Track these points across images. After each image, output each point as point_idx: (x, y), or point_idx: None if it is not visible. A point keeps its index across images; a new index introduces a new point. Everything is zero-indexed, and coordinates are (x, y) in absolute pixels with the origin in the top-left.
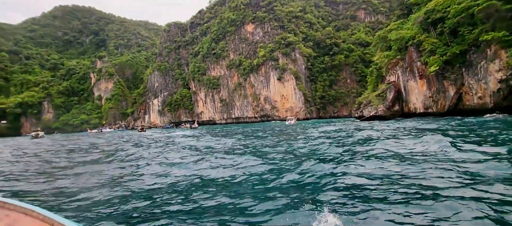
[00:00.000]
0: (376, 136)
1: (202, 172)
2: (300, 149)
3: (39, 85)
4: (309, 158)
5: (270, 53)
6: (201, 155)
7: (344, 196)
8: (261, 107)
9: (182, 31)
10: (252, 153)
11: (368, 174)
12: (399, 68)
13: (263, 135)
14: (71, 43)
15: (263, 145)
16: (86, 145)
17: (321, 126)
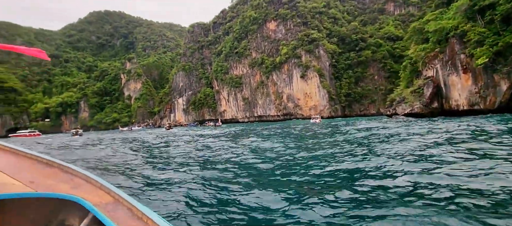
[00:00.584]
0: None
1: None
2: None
3: (77, 86)
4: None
5: (292, 50)
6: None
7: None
8: (283, 105)
9: (205, 31)
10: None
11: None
12: (438, 61)
13: (299, 136)
14: (104, 46)
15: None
16: (147, 140)
17: (353, 124)
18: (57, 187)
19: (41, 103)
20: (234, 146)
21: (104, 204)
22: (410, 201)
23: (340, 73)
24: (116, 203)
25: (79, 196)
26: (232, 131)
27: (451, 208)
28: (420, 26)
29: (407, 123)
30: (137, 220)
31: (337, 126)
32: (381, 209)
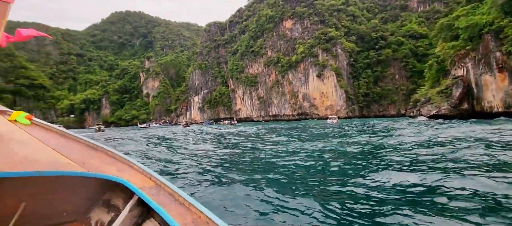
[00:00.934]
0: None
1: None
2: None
3: (99, 84)
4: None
5: (309, 49)
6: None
7: None
8: (299, 105)
9: (222, 30)
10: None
11: None
12: (470, 60)
13: (323, 137)
14: (124, 45)
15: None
16: (176, 138)
17: (380, 127)
18: (104, 169)
19: (66, 99)
20: (272, 148)
21: (147, 188)
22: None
23: (358, 73)
24: (158, 188)
25: (124, 179)
26: (253, 130)
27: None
28: (449, 22)
29: (443, 126)
30: (179, 205)
31: (363, 126)
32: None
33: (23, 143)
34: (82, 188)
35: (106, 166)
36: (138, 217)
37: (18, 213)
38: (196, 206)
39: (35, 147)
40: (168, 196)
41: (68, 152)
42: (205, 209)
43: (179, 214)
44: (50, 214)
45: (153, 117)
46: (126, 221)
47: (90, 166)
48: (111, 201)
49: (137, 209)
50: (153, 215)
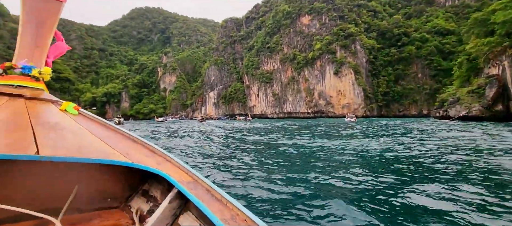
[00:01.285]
0: None
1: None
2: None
3: (119, 78)
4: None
5: (326, 45)
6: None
7: None
8: (314, 102)
9: (238, 26)
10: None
11: None
12: (506, 57)
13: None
14: (143, 41)
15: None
16: (206, 131)
17: (406, 127)
18: (145, 161)
19: (89, 92)
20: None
21: (185, 182)
22: None
23: (378, 70)
24: (195, 183)
25: (164, 172)
26: (270, 127)
27: None
28: (483, 17)
29: (488, 129)
30: (217, 201)
31: (385, 126)
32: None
33: (73, 131)
34: (124, 177)
35: (146, 158)
36: (177, 209)
37: (72, 195)
38: (234, 204)
39: (84, 136)
40: (205, 192)
41: (112, 143)
42: (243, 207)
43: (218, 210)
44: (96, 198)
45: (170, 111)
46: (166, 212)
47: (132, 157)
48: (150, 192)
49: (176, 201)
50: (190, 208)
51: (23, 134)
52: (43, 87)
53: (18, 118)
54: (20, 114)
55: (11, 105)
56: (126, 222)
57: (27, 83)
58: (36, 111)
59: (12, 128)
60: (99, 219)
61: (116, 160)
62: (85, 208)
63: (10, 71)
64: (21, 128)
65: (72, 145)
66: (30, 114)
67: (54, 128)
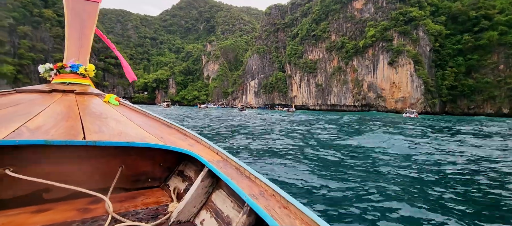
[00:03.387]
0: None
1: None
2: None
3: (167, 65)
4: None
5: (381, 32)
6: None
7: None
8: (363, 95)
9: (282, 13)
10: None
11: None
12: None
13: None
14: (190, 30)
15: None
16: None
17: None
18: (178, 143)
19: (142, 78)
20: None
21: (215, 161)
22: None
23: (444, 60)
24: (224, 162)
25: (195, 152)
26: (318, 120)
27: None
28: None
29: None
30: (246, 178)
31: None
32: None
33: (115, 119)
34: (162, 159)
35: (180, 141)
36: (209, 187)
37: (117, 175)
38: (261, 179)
39: (125, 123)
40: (234, 170)
41: (149, 128)
42: (270, 183)
43: (247, 186)
44: (139, 179)
45: (212, 99)
46: (199, 190)
47: (167, 140)
48: (185, 172)
49: (208, 179)
50: (221, 186)
51: (73, 124)
52: (89, 82)
53: (69, 110)
54: (71, 107)
55: (64, 100)
56: (166, 200)
57: (76, 80)
58: (84, 104)
59: (65, 119)
60: (142, 197)
61: (152, 143)
62: (129, 187)
63: (62, 70)
64: (72, 119)
65: (114, 131)
66: (79, 107)
67: (99, 117)
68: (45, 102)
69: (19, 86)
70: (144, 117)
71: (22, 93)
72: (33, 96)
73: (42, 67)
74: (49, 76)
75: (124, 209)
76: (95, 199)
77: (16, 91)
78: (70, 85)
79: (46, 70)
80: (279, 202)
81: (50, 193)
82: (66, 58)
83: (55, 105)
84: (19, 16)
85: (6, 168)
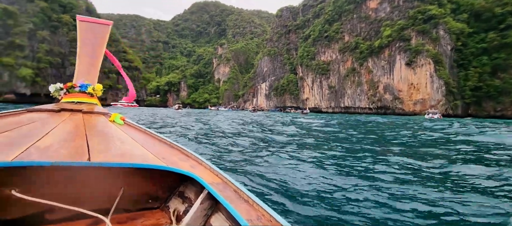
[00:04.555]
0: None
1: None
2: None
3: (179, 68)
4: None
5: (398, 32)
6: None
7: None
8: (378, 97)
9: (294, 14)
10: None
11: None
12: None
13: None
14: (201, 34)
15: None
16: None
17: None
18: (179, 164)
19: (154, 81)
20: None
21: (215, 184)
22: None
23: (467, 60)
24: (224, 185)
25: (196, 174)
26: (352, 125)
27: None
28: None
29: None
30: (244, 202)
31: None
32: None
33: (120, 140)
34: (163, 180)
35: (181, 162)
36: (208, 210)
37: (119, 196)
38: (260, 204)
39: (129, 143)
40: (233, 193)
41: (152, 148)
42: (268, 208)
43: (245, 210)
44: (140, 200)
45: (223, 101)
46: (198, 212)
47: (168, 161)
48: (185, 193)
49: (207, 202)
50: (220, 209)
51: (79, 144)
52: (96, 101)
53: (76, 130)
54: (78, 126)
55: (72, 119)
56: (165, 222)
57: (84, 99)
58: (90, 123)
59: (71, 139)
60: (142, 219)
61: (154, 164)
62: (130, 208)
63: (71, 89)
64: (78, 138)
65: (118, 152)
66: (86, 126)
67: (104, 137)
68: (54, 121)
69: (37, 88)
70: (147, 137)
71: (33, 112)
72: (43, 115)
73: (53, 86)
74: (58, 95)
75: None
76: (96, 220)
77: (27, 110)
78: (78, 104)
79: (56, 90)
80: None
81: (53, 214)
82: (76, 77)
83: (63, 124)
84: (38, 21)
85: (13, 188)
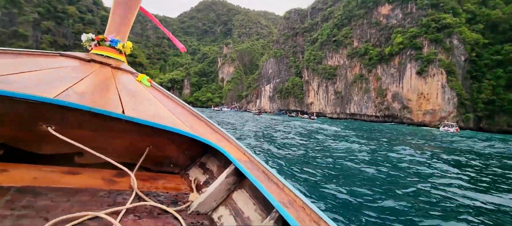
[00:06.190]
0: None
1: None
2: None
3: (183, 66)
4: None
5: (410, 39)
6: None
7: None
8: (386, 105)
9: (302, 17)
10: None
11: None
12: None
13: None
14: (207, 32)
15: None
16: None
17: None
18: (206, 135)
19: (158, 78)
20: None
21: (243, 161)
22: None
23: (481, 72)
24: (252, 163)
25: (224, 148)
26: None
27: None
28: None
29: None
30: (273, 184)
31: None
32: None
33: (148, 99)
34: (186, 147)
35: (207, 134)
36: (232, 185)
37: (144, 155)
38: (290, 188)
39: (157, 106)
40: (261, 173)
41: (179, 115)
42: (300, 193)
43: (275, 192)
44: (162, 162)
45: (226, 101)
46: (222, 185)
47: (195, 130)
48: (207, 165)
49: (232, 177)
50: (244, 186)
51: (113, 96)
52: (124, 59)
53: (107, 83)
54: (109, 80)
55: (101, 71)
56: (185, 188)
57: (113, 54)
58: (120, 79)
59: (104, 90)
60: (163, 181)
61: (182, 130)
62: (152, 168)
63: (102, 42)
64: (110, 91)
65: (148, 111)
66: (116, 81)
67: (134, 95)
68: (85, 70)
69: None
70: (174, 103)
71: (64, 57)
72: (74, 62)
73: (85, 35)
74: (89, 46)
75: (146, 189)
76: (121, 173)
77: (60, 54)
78: (107, 58)
79: (87, 40)
80: (309, 215)
81: (82, 158)
82: (107, 31)
83: (94, 75)
84: (43, 11)
85: (49, 125)
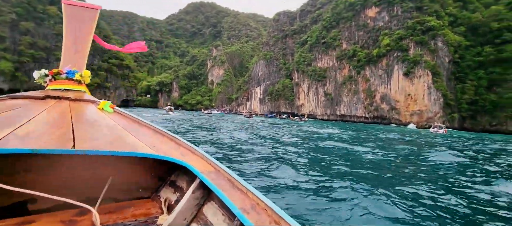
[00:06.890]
0: None
1: None
2: None
3: (172, 69)
4: None
5: (397, 41)
6: None
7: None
8: (375, 106)
9: (291, 19)
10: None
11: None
12: None
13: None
14: (196, 34)
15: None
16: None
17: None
18: (170, 153)
19: (145, 81)
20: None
21: (207, 172)
22: None
23: (464, 73)
24: (217, 173)
25: (188, 162)
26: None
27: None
28: None
29: None
30: (238, 190)
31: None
32: None
33: (108, 127)
34: (153, 169)
35: (172, 151)
36: (200, 199)
37: (107, 185)
38: (254, 192)
39: (117, 131)
40: (226, 181)
41: (142, 137)
42: (263, 196)
43: (239, 199)
44: (129, 189)
45: (216, 104)
46: (190, 201)
47: (159, 150)
48: (177, 182)
49: (199, 191)
50: (213, 198)
51: (64, 131)
52: (84, 89)
53: (62, 118)
54: (64, 114)
55: (58, 107)
56: (156, 211)
57: (71, 86)
58: (78, 111)
59: (56, 126)
60: (132, 208)
61: (144, 153)
62: (119, 198)
63: (57, 76)
64: (63, 126)
65: (106, 140)
66: (72, 114)
67: (92, 125)
68: (38, 108)
69: (16, 84)
70: (137, 125)
71: (14, 99)
72: (26, 102)
73: (37, 73)
74: (44, 82)
75: (112, 221)
76: (82, 211)
77: (9, 97)
78: (65, 91)
79: (41, 76)
80: (270, 217)
81: (35, 204)
82: (62, 64)
83: (48, 112)
84: (22, 12)
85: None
